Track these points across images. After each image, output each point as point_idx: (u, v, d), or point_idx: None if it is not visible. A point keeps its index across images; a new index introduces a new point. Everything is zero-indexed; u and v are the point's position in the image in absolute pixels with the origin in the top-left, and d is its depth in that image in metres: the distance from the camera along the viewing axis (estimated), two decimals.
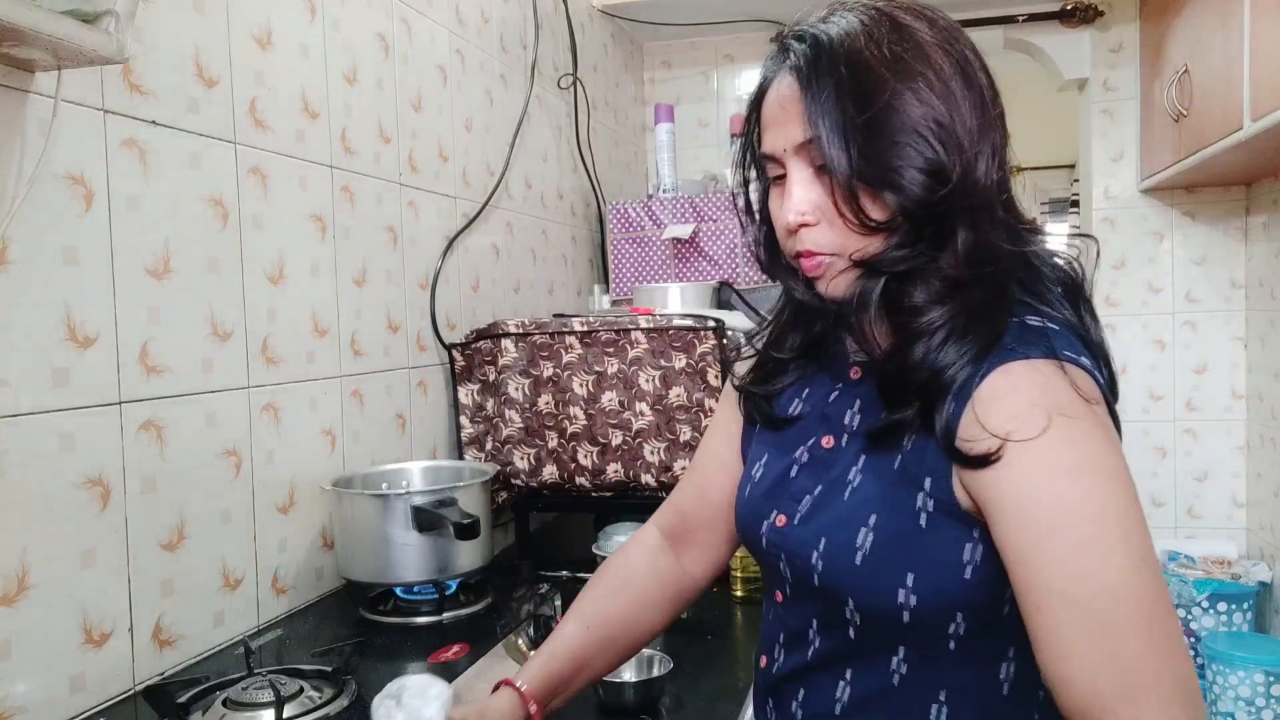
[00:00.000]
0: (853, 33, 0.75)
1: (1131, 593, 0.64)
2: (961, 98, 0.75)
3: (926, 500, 0.74)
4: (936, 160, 0.72)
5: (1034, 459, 0.67)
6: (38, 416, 0.97)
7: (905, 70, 0.73)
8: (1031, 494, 0.67)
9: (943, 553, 0.73)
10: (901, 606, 0.74)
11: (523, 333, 1.69)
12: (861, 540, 0.77)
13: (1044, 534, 0.67)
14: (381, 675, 1.08)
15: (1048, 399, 0.69)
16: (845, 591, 0.78)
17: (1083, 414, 0.69)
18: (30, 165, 0.96)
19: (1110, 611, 0.64)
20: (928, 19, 0.77)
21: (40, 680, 0.97)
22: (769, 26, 3.02)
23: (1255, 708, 2.38)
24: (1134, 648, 0.63)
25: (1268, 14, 1.82)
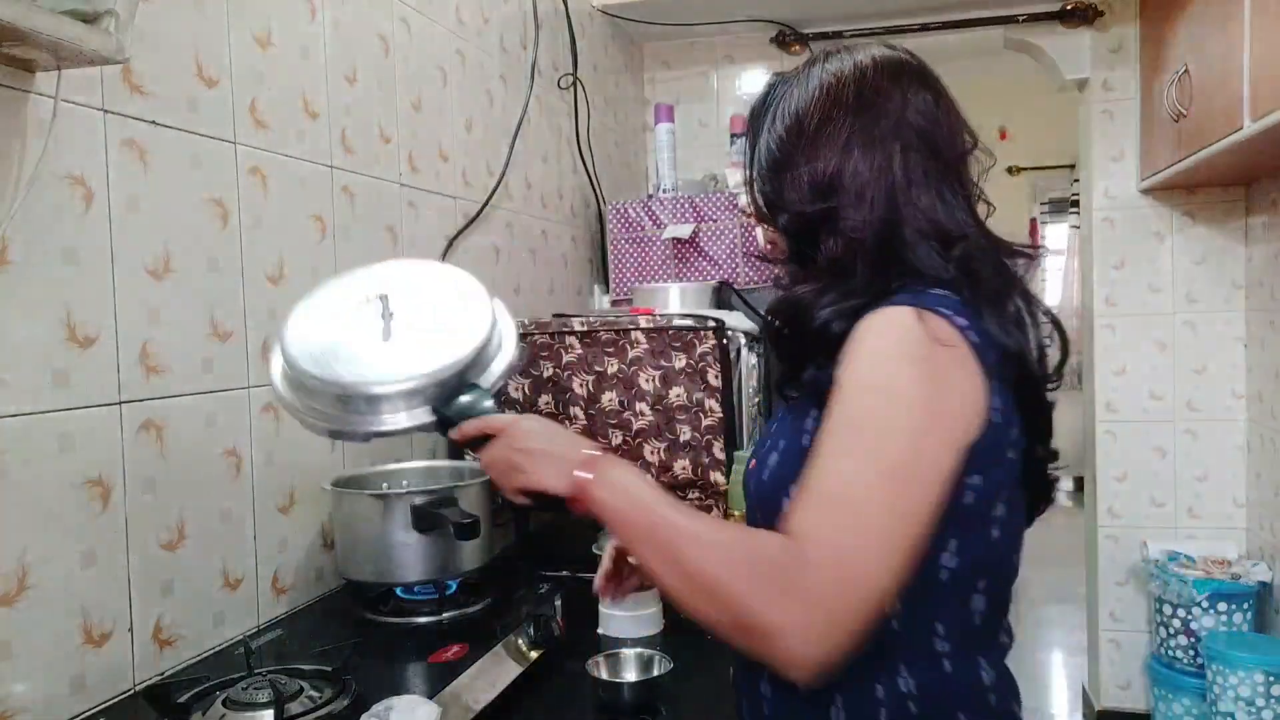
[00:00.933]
0: (777, 96, 0.94)
1: (856, 492, 0.75)
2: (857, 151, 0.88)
3: (813, 424, 0.84)
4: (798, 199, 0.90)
5: (847, 377, 0.80)
6: (38, 416, 0.97)
7: (822, 131, 0.89)
8: (837, 400, 0.79)
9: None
10: (787, 514, 0.82)
11: (523, 333, 1.69)
12: (771, 461, 0.91)
13: (825, 431, 0.79)
14: (381, 675, 1.09)
15: (889, 333, 0.80)
16: (759, 504, 0.91)
17: (911, 348, 0.79)
18: (30, 165, 0.96)
19: (832, 498, 0.75)
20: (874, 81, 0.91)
21: (40, 680, 0.97)
22: (769, 26, 3.02)
23: (1255, 708, 2.38)
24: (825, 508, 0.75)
25: (1268, 14, 1.82)
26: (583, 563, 1.66)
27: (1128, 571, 2.97)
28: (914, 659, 0.82)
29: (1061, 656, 3.77)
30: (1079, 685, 3.30)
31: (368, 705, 0.97)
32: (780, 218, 0.93)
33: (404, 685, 1.08)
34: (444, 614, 1.30)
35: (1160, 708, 2.75)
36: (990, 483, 0.81)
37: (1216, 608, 2.59)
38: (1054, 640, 3.92)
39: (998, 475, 0.82)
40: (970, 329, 0.81)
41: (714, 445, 1.61)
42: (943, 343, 0.79)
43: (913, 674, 0.82)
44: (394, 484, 1.45)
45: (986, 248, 0.89)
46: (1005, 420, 0.82)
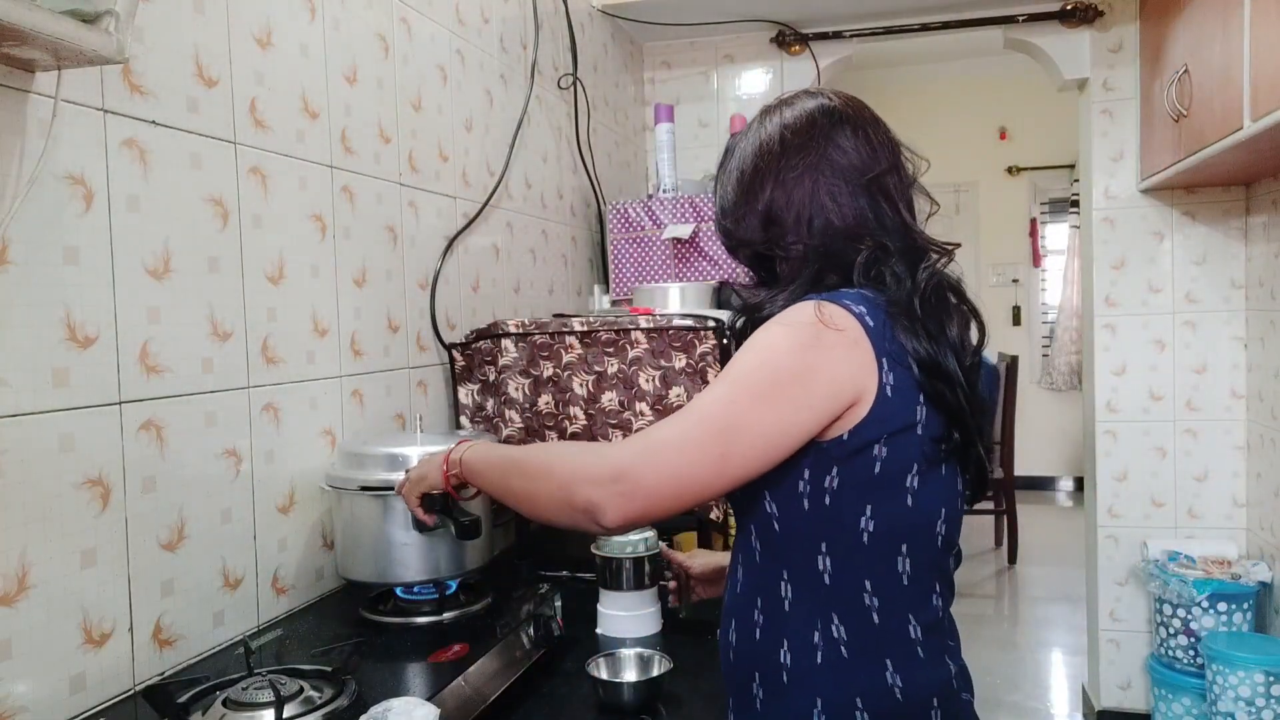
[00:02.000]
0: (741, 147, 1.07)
1: (694, 407, 0.91)
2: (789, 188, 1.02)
3: None
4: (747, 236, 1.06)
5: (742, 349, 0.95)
6: (38, 416, 0.97)
7: (759, 176, 1.04)
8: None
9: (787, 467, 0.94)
10: (771, 516, 0.97)
11: (523, 333, 1.69)
12: None
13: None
14: (381, 675, 1.09)
15: (786, 315, 0.94)
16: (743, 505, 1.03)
17: (797, 325, 0.92)
18: (30, 165, 0.96)
19: (668, 418, 0.93)
20: (795, 129, 1.04)
21: (40, 680, 0.97)
22: (769, 26, 3.02)
23: (1255, 708, 2.38)
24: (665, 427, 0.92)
25: (1268, 14, 1.82)
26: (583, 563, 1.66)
27: (1128, 571, 2.97)
28: (846, 612, 0.94)
29: (1061, 656, 3.77)
30: (1079, 685, 3.30)
31: (368, 705, 0.97)
32: (742, 253, 1.08)
33: (404, 685, 1.08)
34: (444, 614, 1.30)
35: (1160, 708, 2.75)
36: (898, 454, 0.92)
37: (1216, 608, 2.59)
38: (1054, 640, 3.92)
39: (905, 448, 0.93)
40: (867, 315, 0.93)
41: None
42: (832, 326, 0.91)
43: (844, 623, 0.94)
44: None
45: (905, 249, 1.00)
46: (906, 399, 0.92)
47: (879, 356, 0.91)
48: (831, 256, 1.00)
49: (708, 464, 0.89)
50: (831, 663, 0.94)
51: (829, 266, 1.01)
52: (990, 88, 6.13)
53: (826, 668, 0.94)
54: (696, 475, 0.89)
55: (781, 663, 0.96)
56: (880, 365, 0.91)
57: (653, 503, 0.89)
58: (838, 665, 0.94)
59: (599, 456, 0.92)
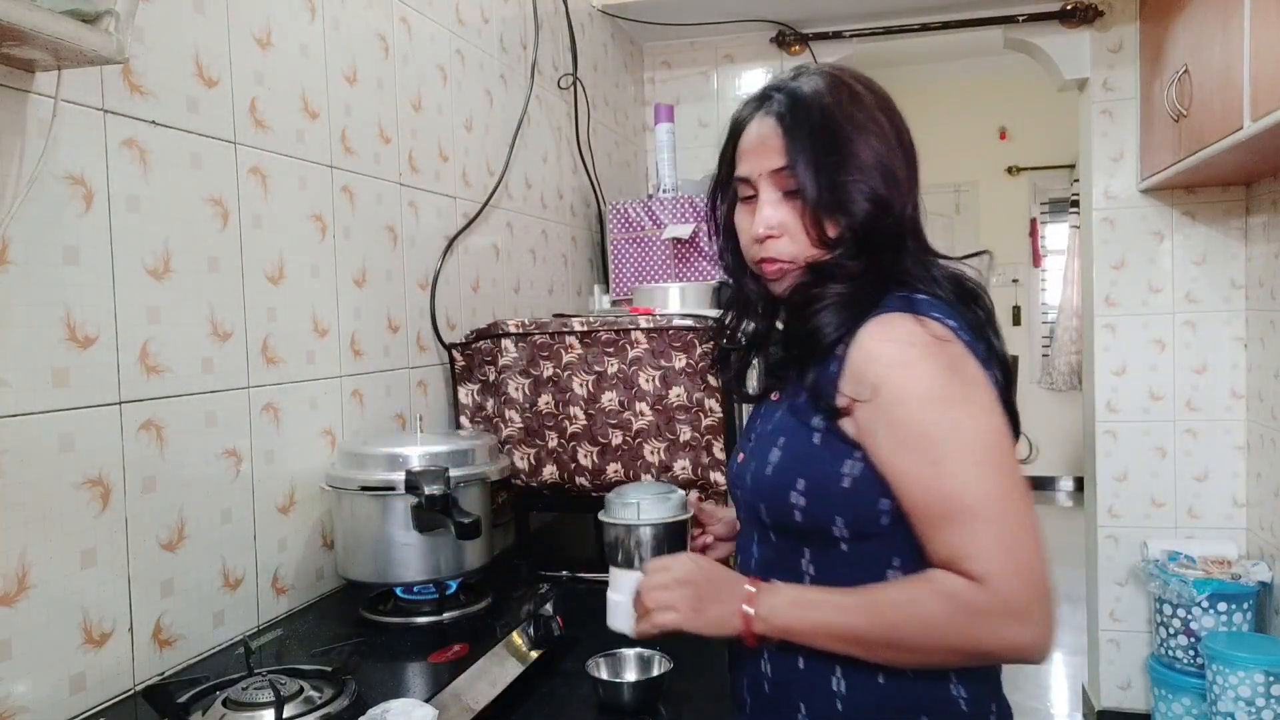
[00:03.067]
0: (820, 90, 0.97)
1: (973, 494, 0.86)
2: (894, 147, 0.97)
3: (820, 421, 0.94)
4: (881, 195, 0.95)
5: (895, 392, 0.89)
6: (38, 416, 0.97)
7: (861, 122, 0.96)
8: (892, 420, 0.89)
9: (826, 464, 0.93)
10: (793, 506, 0.95)
11: (523, 333, 1.69)
12: (774, 458, 0.98)
13: (893, 458, 0.89)
14: (381, 675, 1.09)
15: (900, 339, 0.90)
16: (760, 499, 1.00)
17: (934, 351, 0.89)
18: (30, 165, 0.96)
19: (954, 512, 0.86)
20: (867, 85, 1.00)
21: (40, 680, 0.97)
22: (769, 26, 3.02)
23: (1255, 708, 2.38)
24: (979, 532, 0.86)
25: (1268, 14, 1.82)
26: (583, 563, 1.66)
27: (1128, 571, 2.97)
28: None
29: (1061, 656, 3.76)
30: (1079, 685, 3.30)
31: (368, 705, 0.97)
32: (846, 224, 0.96)
33: (404, 685, 1.08)
34: (444, 614, 1.30)
35: (1160, 708, 2.75)
36: None
37: (1216, 608, 2.59)
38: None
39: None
40: (960, 330, 0.92)
41: (714, 445, 1.61)
42: (942, 340, 0.90)
43: None
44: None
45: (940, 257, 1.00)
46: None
47: (986, 369, 0.92)
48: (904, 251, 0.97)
49: (1035, 525, 0.88)
50: (897, 683, 0.92)
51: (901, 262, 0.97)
52: (990, 88, 6.12)
53: (892, 688, 0.92)
54: (1040, 544, 0.88)
55: (834, 690, 0.94)
56: (989, 377, 0.92)
57: (1047, 602, 0.86)
58: (902, 684, 0.92)
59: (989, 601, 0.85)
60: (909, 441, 0.88)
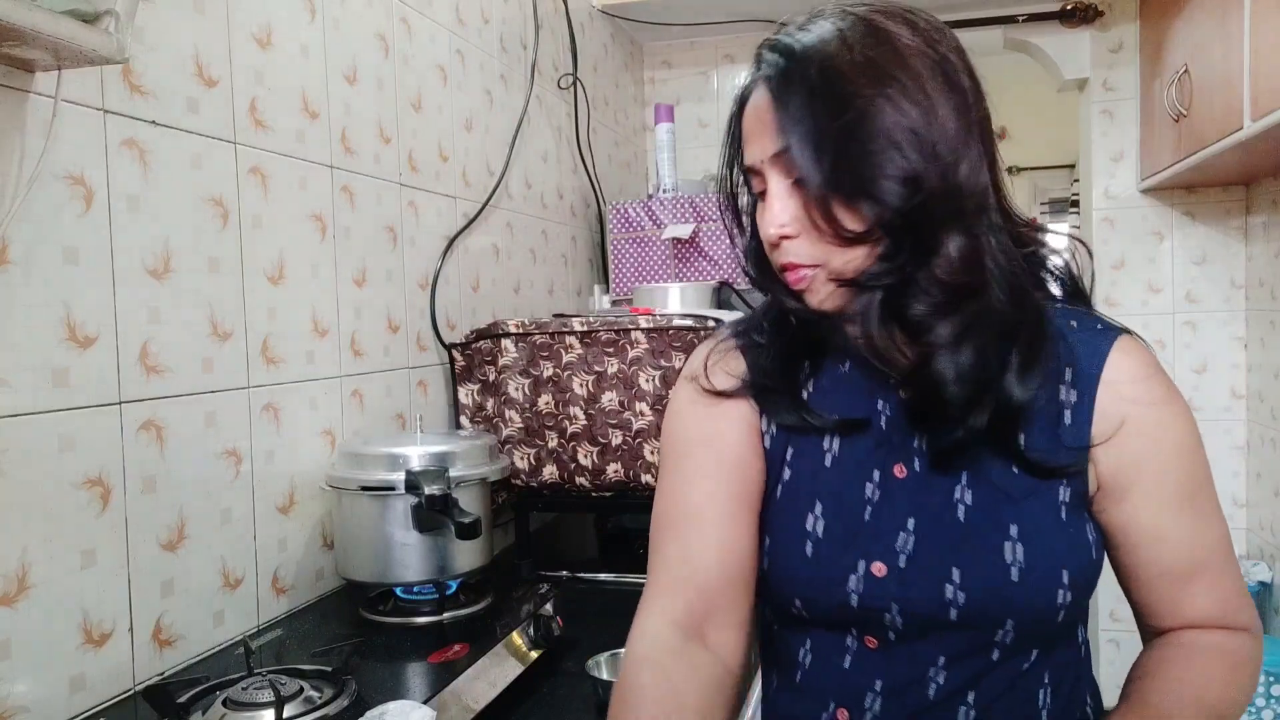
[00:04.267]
0: (826, 39, 0.74)
1: (1226, 543, 0.79)
2: (941, 102, 0.72)
3: (1064, 491, 0.75)
4: (911, 168, 0.70)
5: (1172, 437, 0.76)
6: (38, 416, 0.97)
7: (879, 76, 0.71)
8: (1166, 471, 0.76)
9: (1082, 542, 0.76)
10: (1060, 607, 0.74)
11: (523, 333, 1.69)
12: (1011, 555, 0.74)
13: (1164, 517, 0.77)
14: (381, 675, 1.09)
15: (1159, 370, 0.78)
16: (1003, 615, 0.75)
17: (1173, 383, 0.79)
18: (30, 165, 0.96)
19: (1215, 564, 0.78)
20: (909, 22, 0.75)
21: (40, 680, 0.97)
22: (769, 27, 3.00)
23: (1255, 708, 2.37)
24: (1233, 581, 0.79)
25: (1268, 14, 1.82)
26: (583, 563, 1.66)
27: None
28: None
29: None
30: None
31: (368, 705, 0.97)
32: (872, 212, 0.72)
33: (404, 685, 1.08)
34: (444, 614, 1.30)
35: None
36: None
37: None
38: None
39: None
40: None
41: None
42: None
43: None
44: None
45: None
46: None
47: None
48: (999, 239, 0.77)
49: None
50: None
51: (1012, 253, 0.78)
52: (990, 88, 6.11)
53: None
54: None
55: None
56: None
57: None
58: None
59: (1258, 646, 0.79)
60: (1184, 495, 0.76)
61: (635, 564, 1.54)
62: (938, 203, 0.71)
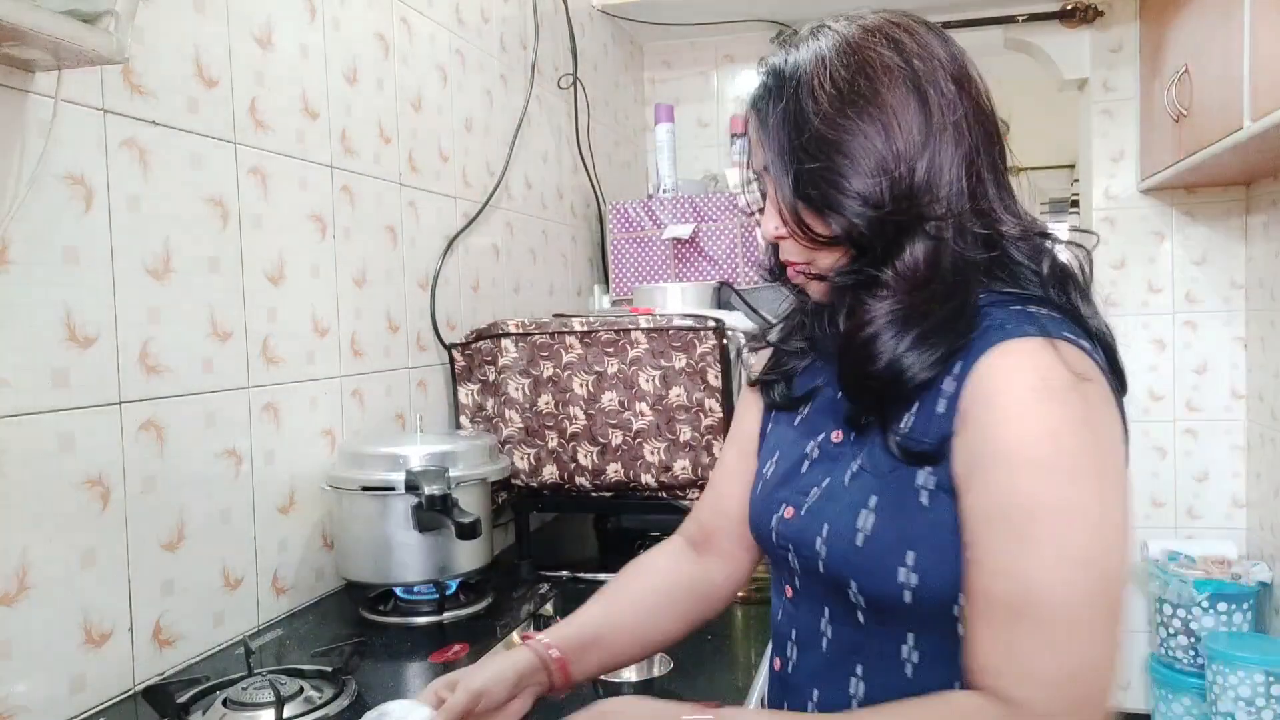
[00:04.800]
0: (805, 62, 0.80)
1: (1057, 598, 0.66)
2: (910, 120, 0.77)
3: (929, 479, 0.75)
4: (870, 187, 0.76)
5: (1000, 444, 0.70)
6: (38, 416, 0.97)
7: (846, 100, 0.77)
8: (987, 479, 0.70)
9: (943, 531, 0.73)
10: (902, 586, 0.75)
11: (523, 333, 1.69)
12: (862, 522, 0.78)
13: (981, 529, 0.70)
14: (382, 675, 1.09)
15: (1029, 379, 0.70)
16: (849, 575, 0.79)
17: (1067, 396, 0.70)
18: (30, 165, 0.96)
19: (1024, 610, 0.67)
20: (893, 40, 0.80)
21: (40, 680, 0.97)
22: (769, 26, 3.02)
23: (1255, 708, 2.38)
24: (1043, 646, 0.66)
25: (1268, 14, 1.82)
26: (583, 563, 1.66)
27: None
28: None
29: None
30: None
31: (368, 705, 0.97)
32: (837, 223, 0.78)
33: (404, 685, 1.08)
34: (444, 614, 1.30)
35: (1160, 708, 2.75)
36: None
37: (1216, 608, 2.59)
38: None
39: None
40: (1095, 353, 0.75)
41: (714, 445, 1.61)
42: (1084, 378, 0.71)
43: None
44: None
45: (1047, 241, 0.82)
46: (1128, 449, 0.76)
47: (1121, 412, 0.75)
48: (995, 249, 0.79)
49: (1116, 661, 0.68)
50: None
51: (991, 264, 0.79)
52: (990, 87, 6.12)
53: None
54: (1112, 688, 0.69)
55: None
56: (1124, 419, 0.75)
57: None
58: None
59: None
60: (1005, 512, 0.69)
61: None
62: (898, 215, 0.77)
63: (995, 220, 0.80)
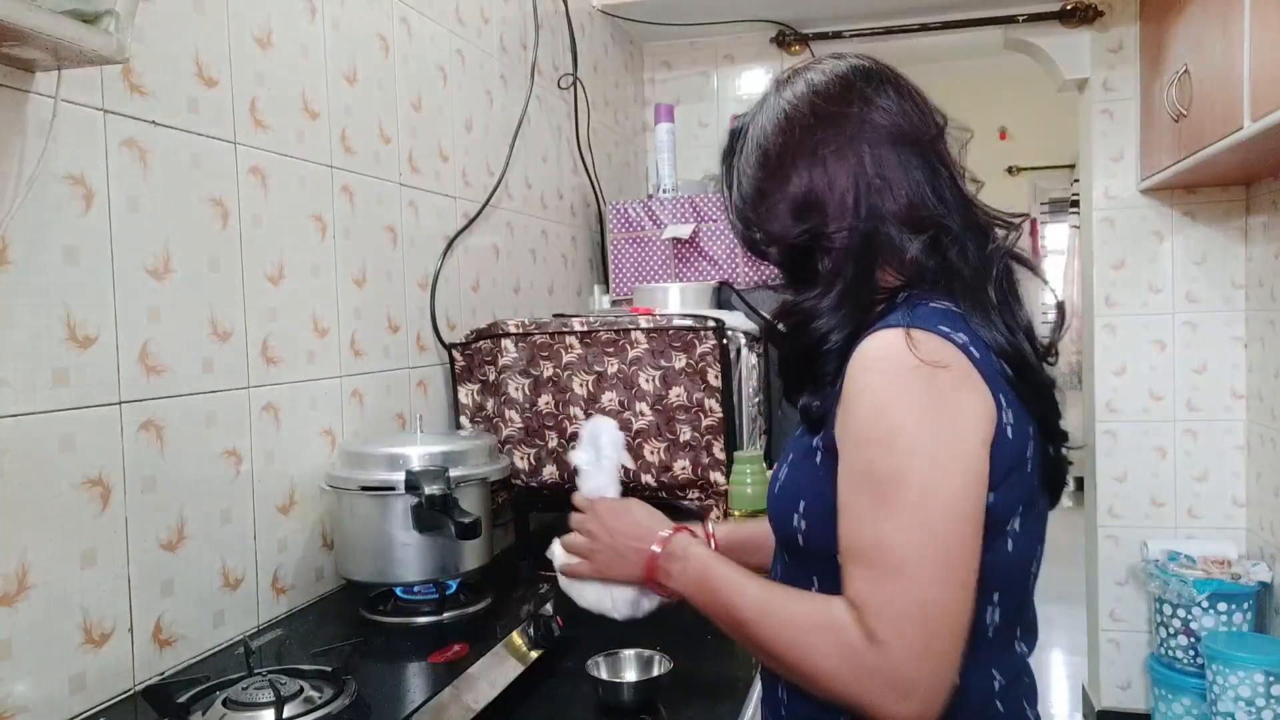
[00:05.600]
0: (758, 122, 0.96)
1: (902, 552, 0.78)
2: (839, 166, 0.89)
3: (819, 441, 0.88)
4: (781, 230, 0.93)
5: (852, 422, 0.82)
6: (38, 416, 0.97)
7: (789, 154, 0.92)
8: (846, 448, 0.83)
9: (824, 486, 0.86)
10: (796, 530, 0.90)
11: (523, 333, 1.69)
12: (782, 476, 0.94)
13: (847, 490, 0.82)
14: (382, 675, 1.09)
15: (882, 366, 0.81)
16: (773, 518, 0.95)
17: (911, 380, 0.79)
18: (30, 165, 0.96)
19: (878, 562, 0.79)
20: (829, 94, 0.92)
21: (40, 680, 0.97)
22: (769, 26, 3.02)
23: (1255, 708, 2.38)
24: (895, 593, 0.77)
25: (1268, 14, 1.82)
26: None
27: (1128, 571, 2.97)
28: None
29: (1061, 656, 3.77)
30: (1079, 685, 3.30)
31: (368, 705, 0.97)
32: (770, 251, 0.96)
33: (404, 685, 1.08)
34: (444, 614, 1.30)
35: (1160, 708, 2.75)
36: (1008, 498, 0.83)
37: (1216, 608, 2.59)
38: (1054, 640, 3.92)
39: (1017, 489, 0.83)
40: (970, 345, 0.82)
41: (714, 445, 1.61)
42: (938, 365, 0.80)
43: None
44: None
45: (967, 227, 0.90)
46: (1019, 431, 0.83)
47: (995, 392, 0.81)
48: (885, 242, 0.88)
49: (961, 604, 0.78)
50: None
51: (883, 255, 0.89)
52: (990, 88, 6.12)
53: None
54: (959, 625, 0.78)
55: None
56: (998, 403, 0.81)
57: (939, 686, 0.77)
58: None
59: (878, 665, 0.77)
60: (860, 478, 0.81)
61: None
62: (827, 241, 0.90)
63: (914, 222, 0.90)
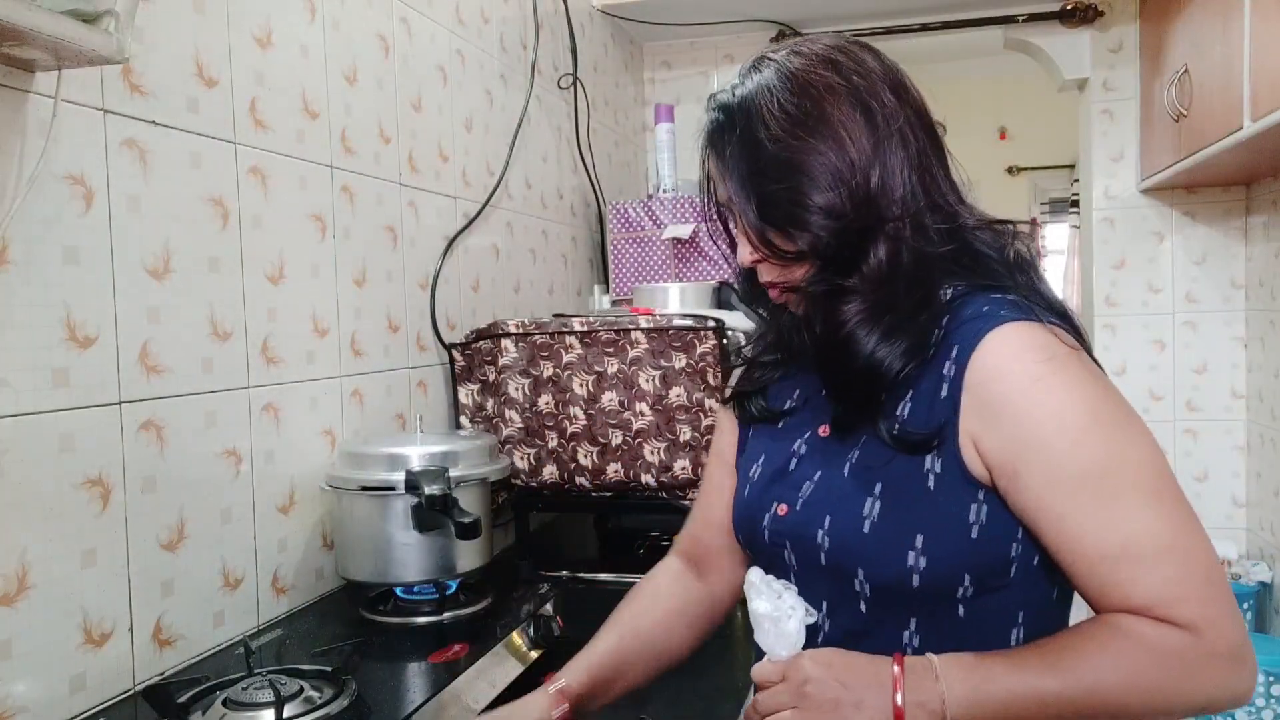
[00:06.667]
0: (752, 94, 0.85)
1: (1163, 533, 0.73)
2: (856, 133, 0.81)
3: (934, 462, 0.79)
4: (828, 199, 0.81)
5: (1044, 417, 0.75)
6: (38, 416, 0.97)
7: (795, 123, 0.82)
8: (1045, 453, 0.75)
9: (950, 513, 0.78)
10: (911, 570, 0.78)
11: (523, 333, 1.69)
12: (868, 510, 0.81)
13: (1061, 497, 0.74)
14: (382, 675, 1.09)
15: (1044, 352, 0.76)
16: (855, 563, 0.82)
17: (1076, 365, 0.77)
18: (30, 165, 0.96)
19: (1143, 554, 0.73)
20: (831, 62, 0.84)
21: (40, 680, 0.97)
22: (769, 26, 3.02)
23: (1255, 708, 2.37)
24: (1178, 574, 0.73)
25: (1268, 14, 1.82)
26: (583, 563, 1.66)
27: None
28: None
29: None
30: None
31: (368, 705, 0.97)
32: (803, 239, 0.83)
33: (404, 685, 1.08)
34: (444, 614, 1.30)
35: None
36: None
37: None
38: None
39: None
40: (1068, 328, 0.81)
41: None
42: (1074, 348, 0.78)
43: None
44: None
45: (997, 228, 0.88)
46: None
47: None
48: (958, 241, 0.84)
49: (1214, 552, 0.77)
50: None
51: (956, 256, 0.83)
52: (990, 88, 6.12)
53: None
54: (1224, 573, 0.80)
55: None
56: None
57: (1248, 639, 0.76)
58: None
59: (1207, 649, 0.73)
60: (1078, 477, 0.74)
61: (635, 564, 1.54)
62: (859, 222, 0.81)
63: (952, 214, 0.85)
